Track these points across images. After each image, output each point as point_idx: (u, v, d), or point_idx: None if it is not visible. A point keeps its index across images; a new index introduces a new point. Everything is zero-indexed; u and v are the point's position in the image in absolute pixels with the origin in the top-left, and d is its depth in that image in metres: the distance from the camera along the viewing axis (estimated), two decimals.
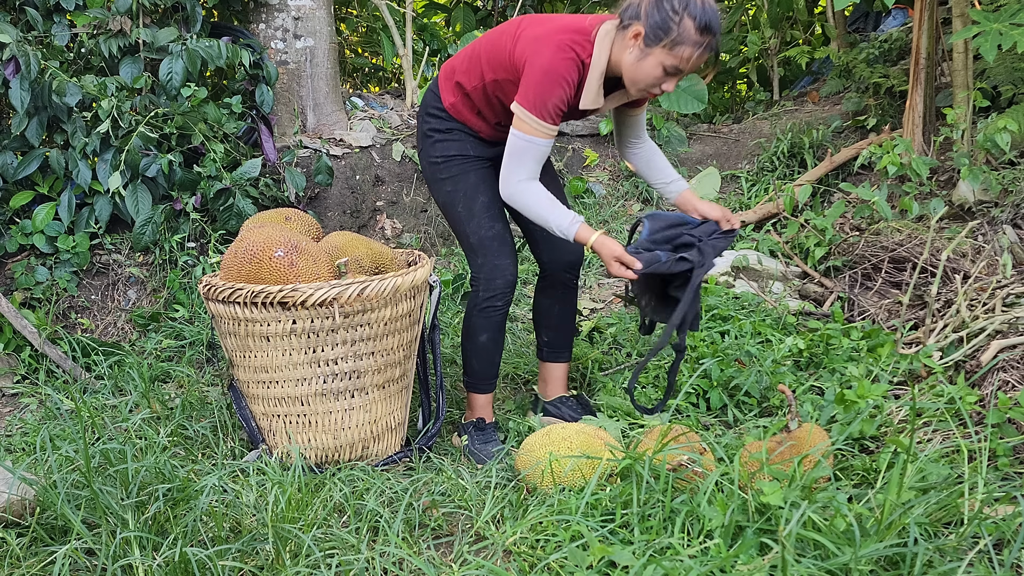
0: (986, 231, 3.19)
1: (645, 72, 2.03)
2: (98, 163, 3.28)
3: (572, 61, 2.06)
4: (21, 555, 1.71)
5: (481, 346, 2.35)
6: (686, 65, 2.01)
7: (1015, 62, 3.81)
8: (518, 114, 2.08)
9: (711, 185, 4.58)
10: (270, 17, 3.88)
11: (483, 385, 2.39)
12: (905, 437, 1.94)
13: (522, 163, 2.11)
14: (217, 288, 2.12)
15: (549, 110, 2.05)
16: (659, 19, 1.98)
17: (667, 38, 1.97)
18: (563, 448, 1.95)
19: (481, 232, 2.29)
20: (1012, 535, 1.55)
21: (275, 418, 2.20)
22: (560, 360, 2.54)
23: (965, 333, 2.47)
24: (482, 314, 2.31)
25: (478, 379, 2.39)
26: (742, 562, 1.52)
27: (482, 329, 2.33)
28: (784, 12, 5.35)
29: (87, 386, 2.88)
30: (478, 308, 2.31)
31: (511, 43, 2.13)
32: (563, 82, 2.05)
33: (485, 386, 2.39)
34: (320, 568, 1.66)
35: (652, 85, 2.06)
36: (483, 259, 2.29)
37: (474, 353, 2.37)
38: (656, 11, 1.98)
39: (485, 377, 2.39)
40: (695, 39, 1.98)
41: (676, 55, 1.99)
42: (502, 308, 2.31)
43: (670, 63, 2.00)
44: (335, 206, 3.91)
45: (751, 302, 3.10)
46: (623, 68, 2.07)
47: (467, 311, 2.35)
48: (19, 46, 3.04)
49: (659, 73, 2.02)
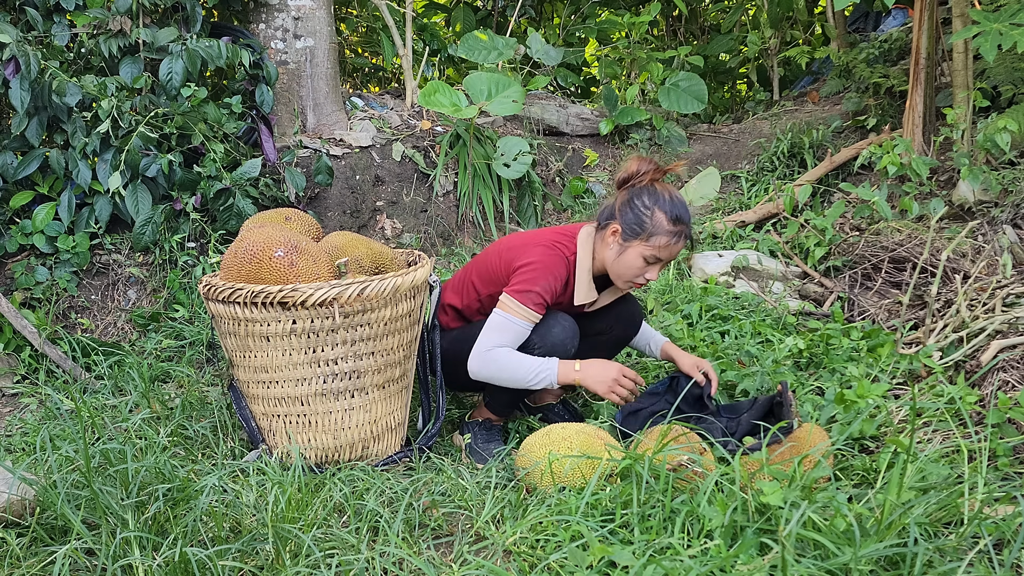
0: (986, 231, 3.19)
1: (627, 264, 2.17)
2: (98, 163, 3.28)
3: (560, 257, 2.20)
4: (21, 555, 1.71)
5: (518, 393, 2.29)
6: (664, 253, 2.16)
7: (1015, 62, 3.81)
8: (502, 300, 2.16)
9: (711, 185, 4.58)
10: (270, 17, 3.88)
11: (506, 412, 2.38)
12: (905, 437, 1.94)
13: (500, 336, 2.14)
14: (217, 288, 2.12)
15: (532, 297, 2.13)
16: (632, 216, 2.15)
17: (643, 232, 2.14)
18: (563, 448, 1.95)
19: None
20: (1012, 535, 1.55)
21: (275, 418, 2.20)
22: None
23: (965, 333, 2.47)
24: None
25: (503, 406, 2.36)
26: (742, 562, 1.52)
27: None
28: (784, 12, 5.35)
29: (87, 386, 2.88)
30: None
31: (497, 259, 2.27)
32: (550, 274, 2.17)
33: (507, 413, 2.38)
34: (320, 568, 1.65)
35: (636, 275, 2.19)
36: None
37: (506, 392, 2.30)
38: (629, 209, 2.16)
39: (511, 407, 2.36)
40: (668, 229, 2.13)
41: (653, 245, 2.14)
42: None
43: (649, 253, 2.15)
44: (335, 206, 3.91)
45: (751, 302, 3.10)
46: (607, 264, 2.22)
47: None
48: (19, 46, 3.04)
49: (640, 264, 2.17)
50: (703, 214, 4.39)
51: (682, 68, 5.19)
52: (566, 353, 2.18)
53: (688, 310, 3.01)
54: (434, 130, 4.38)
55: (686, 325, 2.91)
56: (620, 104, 4.90)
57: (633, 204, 2.17)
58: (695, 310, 2.99)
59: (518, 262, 2.20)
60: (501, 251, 2.28)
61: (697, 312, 2.98)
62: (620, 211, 2.18)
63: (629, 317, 2.40)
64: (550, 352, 2.17)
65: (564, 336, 2.18)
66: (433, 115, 4.50)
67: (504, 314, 2.14)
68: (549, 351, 2.17)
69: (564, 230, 2.29)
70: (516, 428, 2.44)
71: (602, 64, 5.35)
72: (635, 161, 2.23)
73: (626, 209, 2.17)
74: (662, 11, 6.10)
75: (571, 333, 2.19)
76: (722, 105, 6.09)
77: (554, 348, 2.17)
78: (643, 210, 2.15)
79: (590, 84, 6.31)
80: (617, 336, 2.41)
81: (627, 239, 2.16)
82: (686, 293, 3.19)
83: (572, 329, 2.20)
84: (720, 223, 3.92)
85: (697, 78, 4.76)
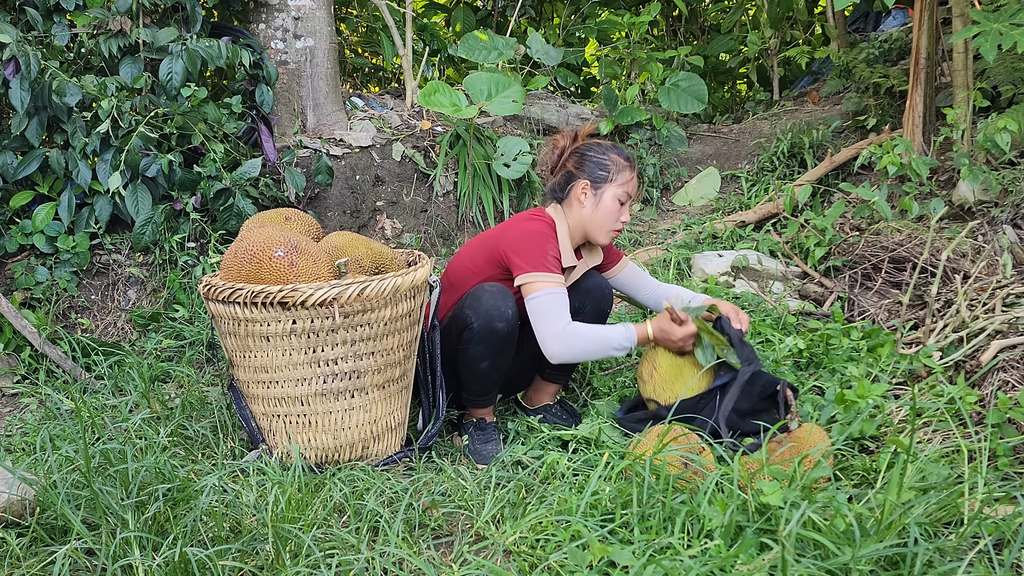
0: (986, 231, 3.19)
1: (606, 210, 2.33)
2: (98, 163, 3.28)
3: (544, 224, 2.34)
4: (21, 555, 1.71)
5: (480, 372, 2.30)
6: (632, 188, 2.37)
7: (1015, 62, 3.81)
8: (525, 282, 2.23)
9: (711, 185, 4.58)
10: (270, 17, 3.88)
11: (481, 400, 2.38)
12: (905, 437, 1.94)
13: (557, 314, 2.19)
14: (217, 288, 2.12)
15: (548, 262, 2.24)
16: (594, 165, 2.35)
17: (609, 174, 2.34)
18: None
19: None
20: (1012, 535, 1.55)
21: (275, 418, 2.20)
22: (559, 381, 2.55)
23: (965, 333, 2.47)
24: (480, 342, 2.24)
25: (476, 395, 2.37)
26: (742, 562, 1.52)
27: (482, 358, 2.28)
28: (784, 12, 5.35)
29: (87, 386, 2.88)
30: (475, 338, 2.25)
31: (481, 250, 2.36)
32: (546, 239, 2.29)
33: (483, 401, 2.39)
34: (320, 568, 1.65)
35: (614, 220, 2.35)
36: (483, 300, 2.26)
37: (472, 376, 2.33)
38: (587, 162, 2.35)
39: (483, 394, 2.37)
40: (626, 164, 2.36)
41: (621, 182, 2.34)
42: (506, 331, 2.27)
43: (621, 191, 2.34)
44: (335, 206, 3.91)
45: (751, 302, 3.10)
46: (585, 222, 2.36)
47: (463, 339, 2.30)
48: (19, 46, 3.04)
49: (616, 206, 2.34)
50: (703, 214, 4.39)
51: (682, 68, 5.19)
52: (502, 316, 2.20)
53: None
54: (434, 130, 4.38)
55: None
56: (620, 104, 4.90)
57: (588, 158, 2.36)
58: None
59: (509, 243, 2.29)
60: (481, 244, 2.37)
61: None
62: (579, 170, 2.35)
63: (598, 290, 2.44)
64: (487, 320, 2.19)
65: (494, 301, 2.21)
66: (433, 115, 4.50)
67: (539, 294, 2.20)
68: (485, 319, 2.19)
69: (530, 212, 2.42)
70: (516, 428, 2.44)
71: (602, 64, 5.35)
72: (558, 139, 2.44)
73: (584, 165, 2.35)
74: (662, 11, 6.10)
75: (500, 296, 2.22)
76: (722, 105, 6.09)
77: (489, 315, 2.19)
78: (600, 157, 2.35)
79: (590, 84, 6.31)
80: (593, 310, 2.44)
81: (598, 187, 2.33)
82: None
83: (500, 292, 2.22)
84: (720, 223, 3.92)
85: (697, 78, 4.76)
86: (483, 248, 2.36)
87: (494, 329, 2.20)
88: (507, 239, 2.30)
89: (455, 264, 2.43)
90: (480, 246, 2.38)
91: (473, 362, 2.26)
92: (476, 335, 2.21)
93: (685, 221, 4.28)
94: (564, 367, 2.50)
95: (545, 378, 2.54)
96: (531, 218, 2.35)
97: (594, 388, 2.65)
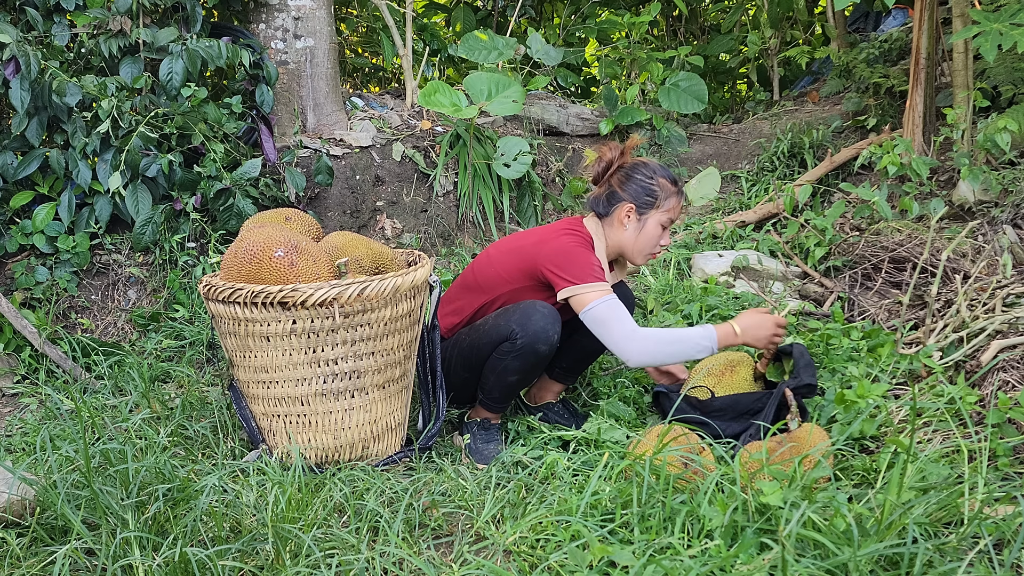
0: (986, 231, 3.19)
1: (648, 236, 2.29)
2: (98, 163, 3.28)
3: (581, 237, 2.28)
4: (21, 555, 1.71)
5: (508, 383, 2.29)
6: (676, 214, 2.31)
7: (1015, 62, 3.81)
8: (574, 295, 2.16)
9: (711, 185, 4.58)
10: (270, 17, 3.88)
11: (498, 407, 2.37)
12: (905, 437, 1.94)
13: (616, 322, 2.13)
14: (217, 288, 2.12)
15: (594, 271, 2.18)
16: (641, 190, 2.27)
17: (655, 200, 2.27)
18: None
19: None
20: (1012, 535, 1.55)
21: (275, 418, 2.20)
22: (567, 382, 2.55)
23: (965, 333, 2.47)
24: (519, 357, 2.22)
25: (495, 402, 2.35)
26: (742, 562, 1.52)
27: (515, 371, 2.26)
28: (784, 12, 5.35)
29: (87, 386, 2.88)
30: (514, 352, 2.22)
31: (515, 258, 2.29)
32: (584, 251, 2.23)
33: (500, 408, 2.38)
34: (320, 568, 1.65)
35: (655, 245, 2.31)
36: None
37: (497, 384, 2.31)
38: (634, 185, 2.28)
39: (503, 401, 2.36)
40: (673, 190, 2.29)
41: (667, 209, 2.28)
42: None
43: (665, 218, 2.29)
44: (335, 206, 3.91)
45: (751, 302, 3.10)
46: (624, 245, 2.31)
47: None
48: (19, 46, 3.04)
49: (659, 232, 2.30)
50: (703, 214, 4.39)
51: (682, 68, 5.19)
52: (548, 340, 2.18)
53: (688, 310, 3.01)
54: (434, 130, 4.38)
55: (686, 325, 2.91)
56: (620, 104, 4.90)
57: (635, 180, 2.28)
58: (695, 310, 2.99)
59: (550, 260, 2.21)
60: (515, 252, 2.30)
61: (697, 312, 2.98)
62: (624, 191, 2.28)
63: (626, 301, 2.44)
64: (532, 340, 2.16)
65: (544, 323, 2.17)
66: (433, 115, 4.50)
67: (595, 303, 2.13)
68: (531, 339, 2.16)
69: (568, 222, 2.35)
70: (516, 428, 2.44)
71: (602, 64, 5.35)
72: (605, 151, 2.35)
73: (630, 187, 2.28)
74: (662, 11, 6.09)
75: (551, 320, 2.19)
76: (722, 105, 6.09)
77: (536, 336, 2.16)
78: (647, 181, 2.27)
79: (590, 84, 6.30)
80: None
81: (643, 212, 2.27)
82: (686, 293, 3.19)
83: (552, 316, 2.20)
84: (720, 223, 3.92)
85: (697, 78, 4.76)
86: (517, 256, 2.30)
87: (537, 351, 2.18)
88: (546, 254, 2.23)
89: (484, 266, 2.36)
90: (514, 253, 2.31)
91: (504, 373, 2.24)
92: (518, 350, 2.18)
93: (685, 221, 4.28)
94: (572, 369, 2.51)
95: (553, 377, 2.53)
96: (569, 231, 2.28)
97: (594, 388, 2.65)
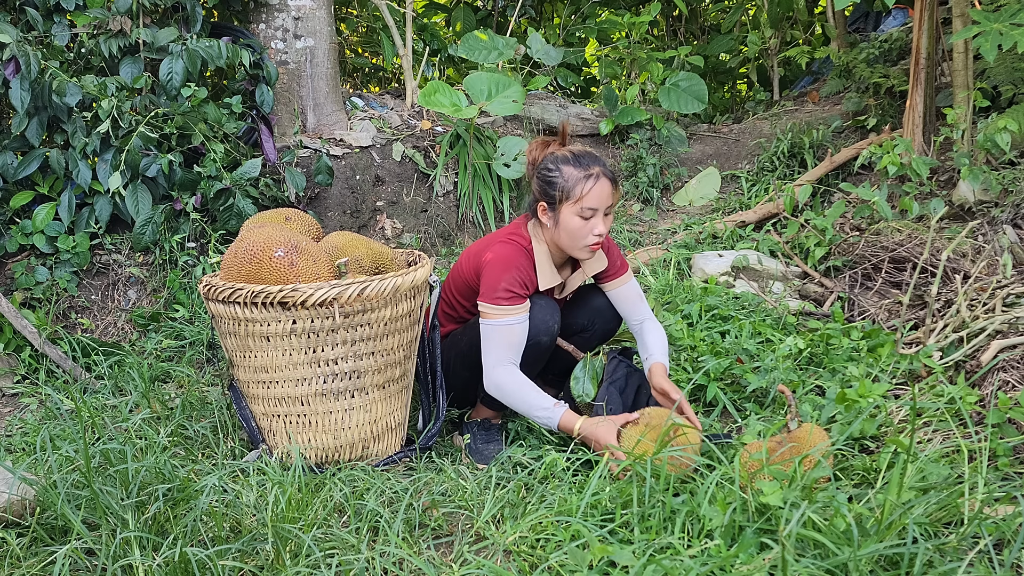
0: (986, 231, 3.19)
1: (569, 229, 2.18)
2: (98, 163, 3.28)
3: (517, 248, 2.24)
4: (21, 555, 1.71)
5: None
6: (591, 200, 2.15)
7: (1015, 62, 3.81)
8: (481, 309, 2.19)
9: (711, 185, 4.58)
10: (270, 17, 3.88)
11: (498, 404, 2.36)
12: (905, 437, 1.94)
13: (491, 348, 2.16)
14: (217, 288, 2.12)
15: (502, 294, 2.15)
16: (546, 184, 2.19)
17: (561, 191, 2.16)
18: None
19: None
20: (1012, 535, 1.54)
21: (275, 418, 2.20)
22: (560, 387, 2.55)
23: (965, 333, 2.47)
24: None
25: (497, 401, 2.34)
26: (742, 562, 1.52)
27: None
28: (784, 12, 5.35)
29: (87, 386, 2.88)
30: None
31: (468, 266, 2.31)
32: (512, 266, 2.19)
33: (500, 405, 2.37)
34: (320, 568, 1.65)
35: (585, 235, 2.18)
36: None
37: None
38: (539, 180, 2.22)
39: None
40: (579, 176, 2.16)
41: (576, 198, 2.15)
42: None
43: (578, 207, 2.16)
44: (335, 206, 3.91)
45: (751, 302, 3.10)
46: (557, 242, 2.24)
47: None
48: (19, 46, 3.04)
49: (579, 223, 2.17)
50: (703, 214, 4.39)
51: (682, 68, 5.19)
52: (548, 331, 2.21)
53: (688, 310, 3.00)
54: (434, 130, 4.38)
55: (686, 325, 2.91)
56: (620, 104, 4.90)
57: (539, 175, 2.24)
58: (695, 310, 2.99)
59: (480, 265, 2.26)
60: (469, 258, 2.34)
61: (697, 312, 2.98)
62: (535, 189, 2.25)
63: (607, 310, 2.43)
64: (534, 332, 2.19)
65: (544, 315, 2.20)
66: (433, 115, 4.50)
67: (487, 323, 2.17)
68: (533, 331, 2.19)
69: (511, 227, 2.35)
70: (516, 427, 2.44)
71: (602, 64, 5.35)
72: (531, 149, 2.30)
73: (536, 183, 2.25)
74: (662, 11, 6.10)
75: (550, 310, 2.22)
76: (722, 105, 6.09)
77: (537, 328, 2.20)
78: (548, 175, 2.20)
79: (590, 84, 6.31)
80: (601, 330, 2.45)
81: (553, 207, 2.20)
82: (686, 293, 3.19)
83: (551, 306, 2.22)
84: (720, 223, 3.92)
85: (697, 78, 4.76)
86: (470, 264, 2.32)
87: (539, 342, 2.21)
88: (479, 264, 2.25)
89: (456, 271, 2.40)
90: (470, 259, 2.33)
91: None
92: None
93: (685, 221, 4.28)
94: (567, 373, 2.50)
95: (546, 382, 2.55)
96: (506, 240, 2.28)
97: None
